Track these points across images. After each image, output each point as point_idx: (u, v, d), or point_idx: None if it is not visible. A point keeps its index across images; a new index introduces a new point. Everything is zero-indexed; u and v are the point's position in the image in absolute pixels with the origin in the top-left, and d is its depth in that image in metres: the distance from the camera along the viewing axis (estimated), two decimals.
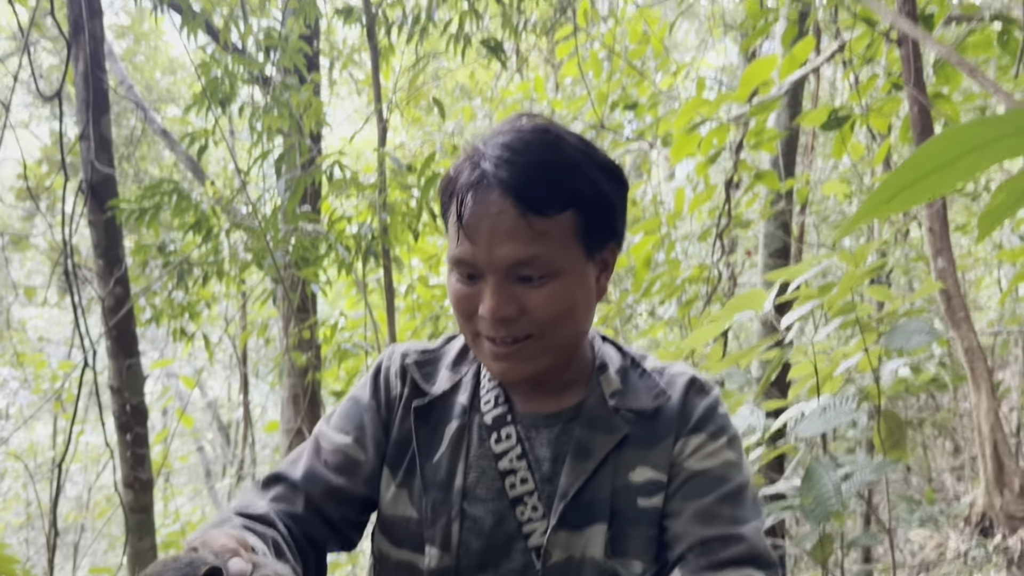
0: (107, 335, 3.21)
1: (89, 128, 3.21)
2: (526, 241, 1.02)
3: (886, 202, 0.78)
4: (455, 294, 1.08)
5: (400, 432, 1.19)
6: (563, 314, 1.06)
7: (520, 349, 1.06)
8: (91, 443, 8.46)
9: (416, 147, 5.94)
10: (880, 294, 2.05)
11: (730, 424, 1.13)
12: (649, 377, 1.15)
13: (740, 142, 4.30)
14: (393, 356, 1.24)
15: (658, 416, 1.11)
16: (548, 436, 1.12)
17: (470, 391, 1.18)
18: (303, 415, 4.52)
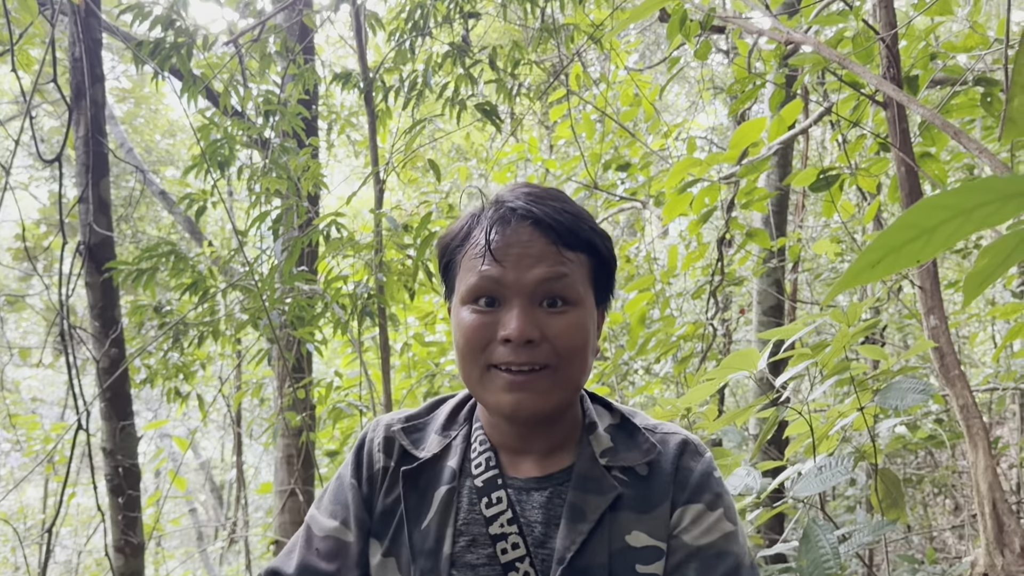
0: (101, 397, 3.19)
1: (88, 191, 3.25)
2: (554, 263, 1.09)
3: (871, 267, 0.79)
4: (470, 325, 1.09)
5: (386, 502, 1.18)
6: (579, 347, 1.10)
7: (536, 379, 1.07)
8: (82, 505, 8.34)
9: (412, 207, 6.00)
10: (874, 352, 2.07)
11: (725, 490, 1.14)
12: (640, 434, 1.15)
13: (731, 201, 4.36)
14: (377, 428, 1.24)
15: (652, 478, 1.11)
16: (539, 500, 1.12)
17: (460, 455, 1.17)
18: (297, 476, 4.47)
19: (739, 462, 1.79)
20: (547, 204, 1.12)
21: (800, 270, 5.59)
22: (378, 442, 1.22)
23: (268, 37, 3.75)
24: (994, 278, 0.84)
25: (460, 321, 1.11)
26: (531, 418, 1.10)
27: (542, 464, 1.15)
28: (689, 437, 1.17)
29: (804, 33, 3.18)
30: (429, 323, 5.77)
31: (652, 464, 1.12)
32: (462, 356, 1.11)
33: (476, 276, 1.10)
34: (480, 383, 1.10)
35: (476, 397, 1.14)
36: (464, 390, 1.27)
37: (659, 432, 1.16)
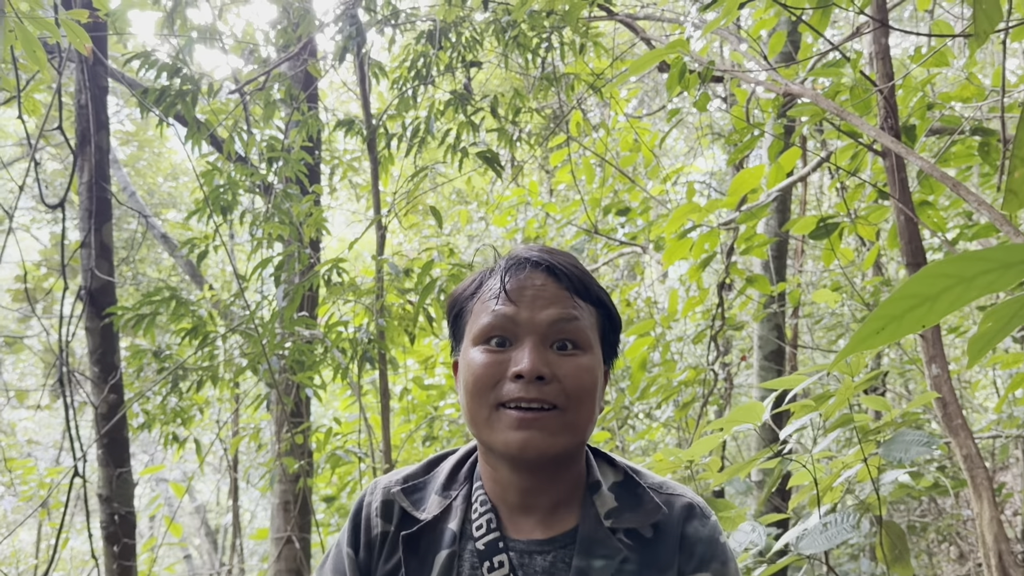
0: (99, 443, 3.17)
1: (91, 236, 3.26)
2: (567, 306, 1.12)
3: (875, 334, 0.80)
4: (481, 364, 1.10)
5: (386, 567, 1.16)
6: (587, 391, 1.10)
7: (544, 419, 1.07)
8: (75, 549, 8.22)
9: (414, 251, 6.03)
10: (876, 404, 2.06)
11: (729, 555, 1.13)
12: (646, 494, 1.14)
13: (731, 246, 4.38)
14: (375, 492, 1.22)
15: (657, 542, 1.10)
16: (542, 564, 1.10)
17: (460, 516, 1.16)
18: (293, 523, 4.42)
19: (743, 516, 1.77)
20: (561, 256, 1.17)
21: (800, 315, 5.59)
22: (376, 506, 1.20)
23: (272, 85, 3.80)
24: (996, 341, 0.84)
25: (471, 361, 1.12)
26: (538, 459, 1.09)
27: (545, 525, 1.13)
28: (694, 500, 1.15)
29: (802, 84, 3.22)
30: (429, 367, 5.76)
31: (658, 527, 1.11)
32: (471, 395, 1.11)
33: (489, 316, 1.12)
34: (488, 422, 1.10)
35: (482, 440, 1.13)
36: (464, 447, 1.27)
37: (664, 492, 1.15)
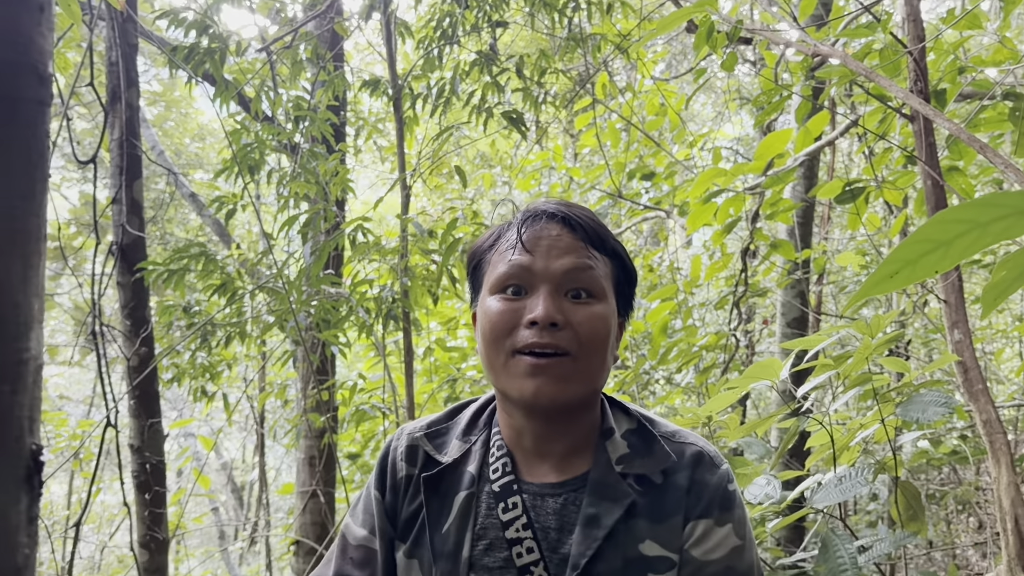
0: (130, 395, 3.25)
1: (122, 192, 3.31)
2: (581, 256, 1.15)
3: (889, 278, 0.81)
4: (497, 312, 1.14)
5: (410, 507, 1.22)
6: (601, 339, 1.13)
7: (557, 364, 1.10)
8: (105, 503, 8.44)
9: (438, 213, 6.05)
10: (896, 365, 2.06)
11: (738, 502, 1.15)
12: (657, 442, 1.17)
13: (756, 212, 4.35)
14: (400, 437, 1.28)
15: (666, 488, 1.13)
16: (553, 506, 1.14)
17: (479, 460, 1.20)
18: (318, 478, 4.51)
19: (759, 472, 1.79)
20: (576, 209, 1.19)
21: (825, 282, 5.56)
22: (401, 451, 1.26)
23: (299, 44, 3.81)
24: (1012, 290, 0.86)
25: (487, 309, 1.16)
26: (551, 406, 1.12)
27: (558, 470, 1.17)
28: (706, 448, 1.18)
29: (832, 46, 3.18)
30: (451, 328, 5.81)
31: (667, 473, 1.14)
32: (487, 343, 1.15)
33: (506, 265, 1.15)
34: (504, 369, 1.13)
35: (498, 387, 1.16)
36: (484, 395, 1.31)
37: (676, 441, 1.18)
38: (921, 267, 0.77)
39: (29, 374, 0.51)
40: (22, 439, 0.51)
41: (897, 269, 0.79)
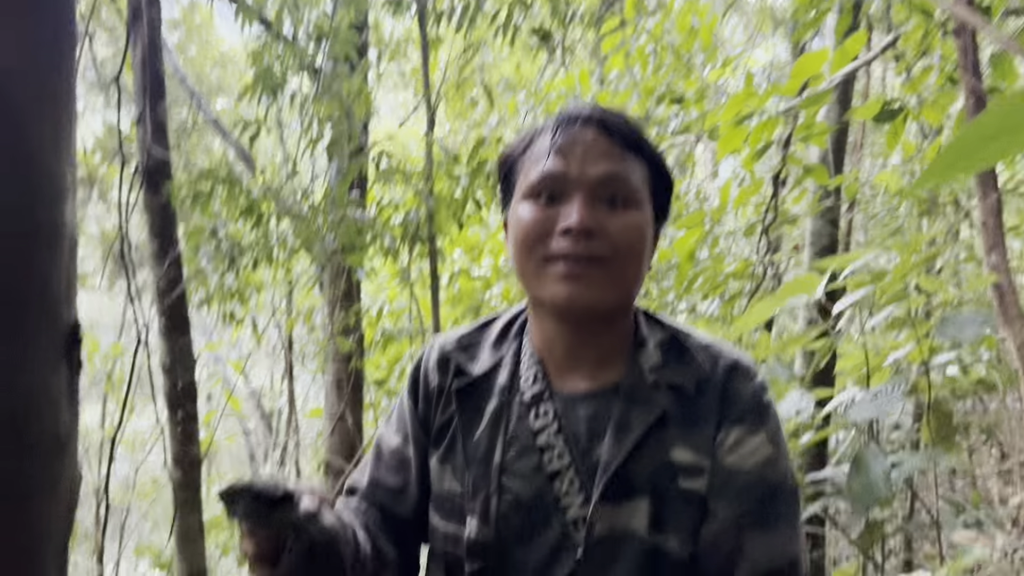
0: (160, 314, 3.29)
1: (146, 113, 3.29)
2: (617, 163, 1.11)
3: (950, 166, 0.78)
4: (529, 220, 1.11)
5: (443, 417, 1.23)
6: (636, 248, 1.11)
7: (591, 271, 1.08)
8: (137, 429, 8.66)
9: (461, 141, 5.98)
10: (933, 285, 2.03)
11: (772, 413, 1.13)
12: (690, 352, 1.16)
13: (788, 137, 4.25)
14: (432, 349, 1.29)
15: (699, 397, 1.11)
16: (585, 413, 1.14)
17: (510, 370, 1.20)
18: (346, 401, 4.58)
19: (791, 388, 1.78)
20: (612, 113, 1.15)
21: (856, 210, 5.47)
22: (433, 362, 1.26)
23: None
24: None
25: (520, 216, 1.13)
26: (584, 313, 1.10)
27: (590, 378, 1.16)
28: (741, 358, 1.16)
29: None
30: (476, 256, 5.81)
31: (701, 383, 1.12)
32: (519, 250, 1.13)
33: (539, 171, 1.12)
34: (536, 276, 1.11)
35: (531, 294, 1.15)
36: (516, 307, 1.30)
37: (711, 351, 1.16)
38: (986, 154, 0.73)
39: (65, 245, 0.50)
40: (60, 310, 0.50)
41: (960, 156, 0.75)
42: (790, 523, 1.08)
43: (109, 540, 6.93)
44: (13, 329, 0.46)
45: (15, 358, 0.47)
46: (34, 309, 0.48)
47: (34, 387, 0.49)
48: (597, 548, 1.06)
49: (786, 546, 1.06)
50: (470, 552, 1.12)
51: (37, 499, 0.51)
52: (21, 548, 0.50)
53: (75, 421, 0.54)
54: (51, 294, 0.50)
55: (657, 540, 1.06)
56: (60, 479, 0.54)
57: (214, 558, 5.65)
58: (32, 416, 0.49)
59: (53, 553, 0.54)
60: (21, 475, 0.49)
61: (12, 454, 0.48)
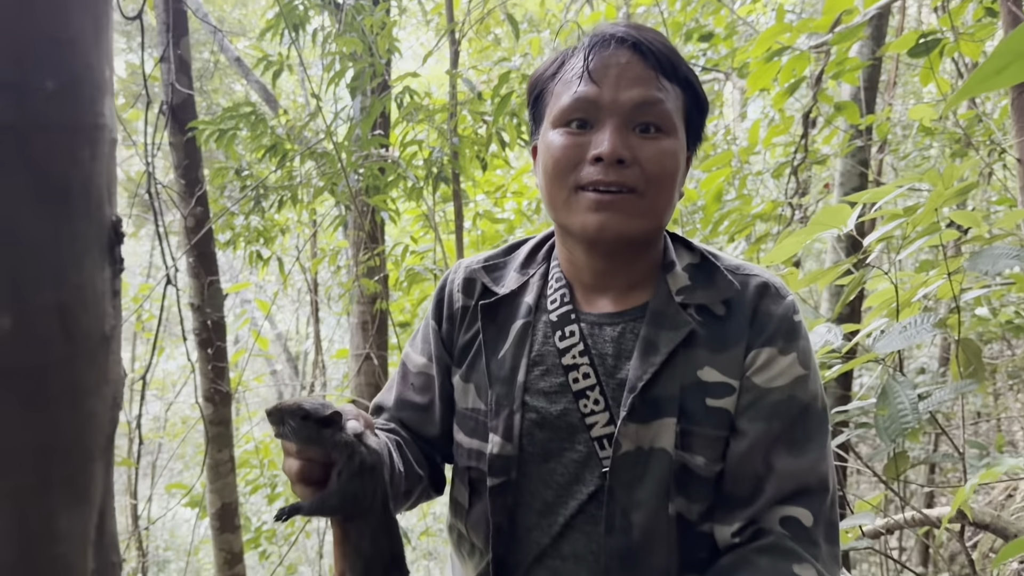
0: (188, 253, 3.32)
1: (169, 50, 3.27)
2: (651, 88, 1.08)
3: (995, 74, 0.75)
4: (561, 145, 1.10)
5: (466, 337, 1.24)
6: (668, 176, 1.09)
7: (622, 201, 1.07)
8: (167, 370, 8.82)
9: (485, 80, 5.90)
10: (967, 219, 1.99)
11: (802, 333, 1.12)
12: (720, 273, 1.15)
13: (820, 74, 4.16)
14: (458, 270, 1.29)
15: (729, 319, 1.11)
16: (611, 334, 1.14)
17: (537, 291, 1.20)
18: (371, 341, 4.63)
19: (819, 322, 1.77)
20: (648, 32, 1.12)
21: (888, 151, 5.36)
22: (458, 283, 1.27)
23: None
24: None
25: (550, 144, 1.11)
26: (614, 241, 1.10)
27: (617, 301, 1.16)
28: (771, 280, 1.15)
29: None
30: (499, 200, 5.78)
31: (730, 305, 1.12)
32: (549, 178, 1.12)
33: (571, 97, 1.10)
34: (566, 205, 1.10)
35: (560, 223, 1.14)
36: (543, 232, 1.29)
37: (740, 273, 1.15)
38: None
39: (105, 142, 0.50)
40: (102, 207, 0.51)
41: (1007, 62, 0.72)
42: (820, 443, 1.08)
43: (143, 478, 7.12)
44: (59, 223, 0.47)
45: (62, 252, 0.48)
46: (78, 204, 0.49)
47: (81, 282, 0.50)
48: (623, 465, 1.07)
49: (815, 465, 1.07)
50: (492, 467, 1.14)
51: (85, 394, 0.52)
52: (73, 441, 0.52)
53: (119, 320, 0.55)
54: (94, 190, 0.51)
55: (684, 458, 1.06)
56: (106, 376, 0.55)
57: (243, 495, 5.79)
58: (80, 312, 0.50)
59: (102, 447, 0.55)
60: (71, 370, 0.51)
61: (62, 349, 0.49)
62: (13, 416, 0.48)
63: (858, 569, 5.67)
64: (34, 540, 0.50)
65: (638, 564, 1.07)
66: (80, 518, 0.53)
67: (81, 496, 0.53)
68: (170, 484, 6.71)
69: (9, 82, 0.45)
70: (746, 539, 1.06)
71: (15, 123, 0.44)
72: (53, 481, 0.50)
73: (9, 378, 0.47)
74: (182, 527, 9.42)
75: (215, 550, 3.91)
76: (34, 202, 0.47)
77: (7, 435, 0.48)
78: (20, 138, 0.45)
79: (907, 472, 3.11)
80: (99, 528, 0.58)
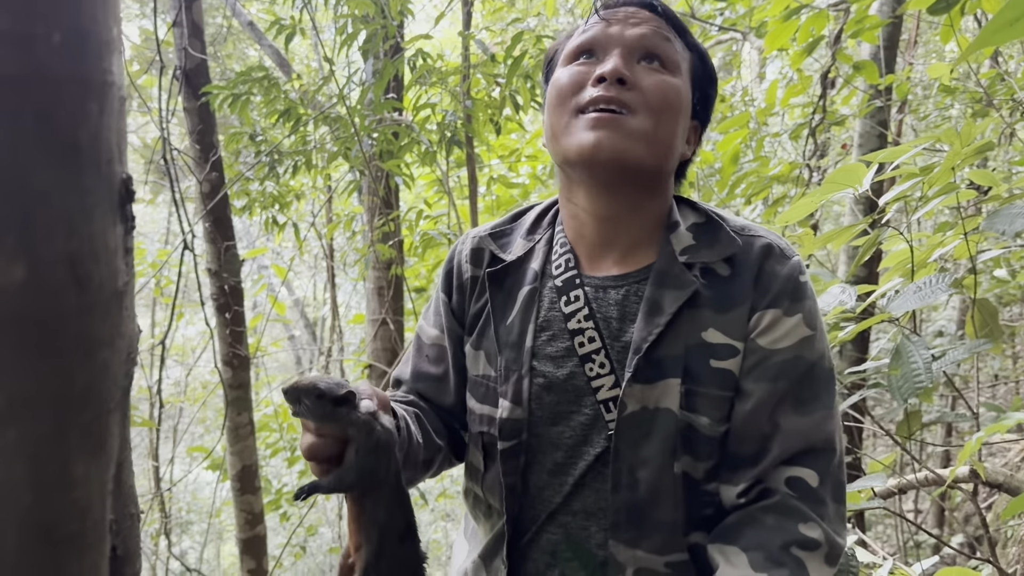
0: (205, 219, 3.34)
1: (182, 15, 3.27)
2: (659, 28, 1.14)
3: (1009, 25, 0.74)
4: (566, 76, 1.14)
5: (477, 304, 1.25)
6: (669, 106, 1.11)
7: (620, 120, 1.08)
8: (187, 336, 8.92)
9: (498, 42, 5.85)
10: (984, 178, 1.96)
11: (808, 293, 1.12)
12: (724, 232, 1.15)
13: (839, 33, 4.09)
14: (465, 241, 1.30)
15: (733, 279, 1.11)
16: (615, 297, 1.14)
17: (542, 257, 1.21)
18: (387, 306, 4.65)
19: (833, 283, 1.77)
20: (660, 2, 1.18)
21: (907, 111, 5.28)
22: (466, 254, 1.28)
23: None
24: None
25: (557, 79, 1.15)
26: (612, 162, 1.09)
27: (621, 263, 1.17)
28: (776, 241, 1.14)
29: None
30: (513, 164, 5.75)
31: (735, 265, 1.11)
32: (553, 108, 1.14)
33: (580, 36, 1.16)
34: (566, 130, 1.12)
35: (560, 153, 1.14)
36: (549, 199, 1.30)
37: (745, 234, 1.15)
38: None
39: (114, 99, 0.51)
40: (112, 164, 0.51)
41: (1022, 12, 0.71)
42: (826, 403, 1.08)
43: (164, 442, 7.25)
44: (68, 175, 0.48)
45: (71, 204, 0.48)
46: (87, 158, 0.49)
47: (92, 234, 0.51)
48: (628, 425, 1.08)
49: (822, 424, 1.07)
50: (502, 431, 1.16)
51: (99, 346, 0.54)
52: (88, 390, 0.53)
53: (131, 277, 0.56)
54: (103, 145, 0.51)
55: (689, 418, 1.07)
56: (120, 330, 0.56)
57: (263, 457, 5.88)
58: (91, 264, 0.51)
59: (117, 399, 0.57)
60: (84, 321, 0.52)
61: (75, 300, 0.50)
62: (27, 364, 0.49)
63: (873, 531, 5.70)
64: (50, 485, 0.51)
65: (644, 519, 1.08)
66: (97, 467, 0.55)
67: (97, 445, 0.54)
68: (191, 447, 6.83)
69: (14, 33, 0.46)
70: (752, 499, 1.07)
71: (22, 74, 0.45)
72: (68, 429, 0.51)
73: (23, 326, 0.48)
74: (204, 490, 9.59)
75: (236, 511, 3.99)
76: (42, 153, 0.48)
77: (22, 383, 0.49)
78: (26, 89, 0.46)
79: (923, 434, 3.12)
80: (117, 479, 0.60)
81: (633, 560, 1.08)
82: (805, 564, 1.00)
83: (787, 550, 1.00)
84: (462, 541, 1.33)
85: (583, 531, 1.12)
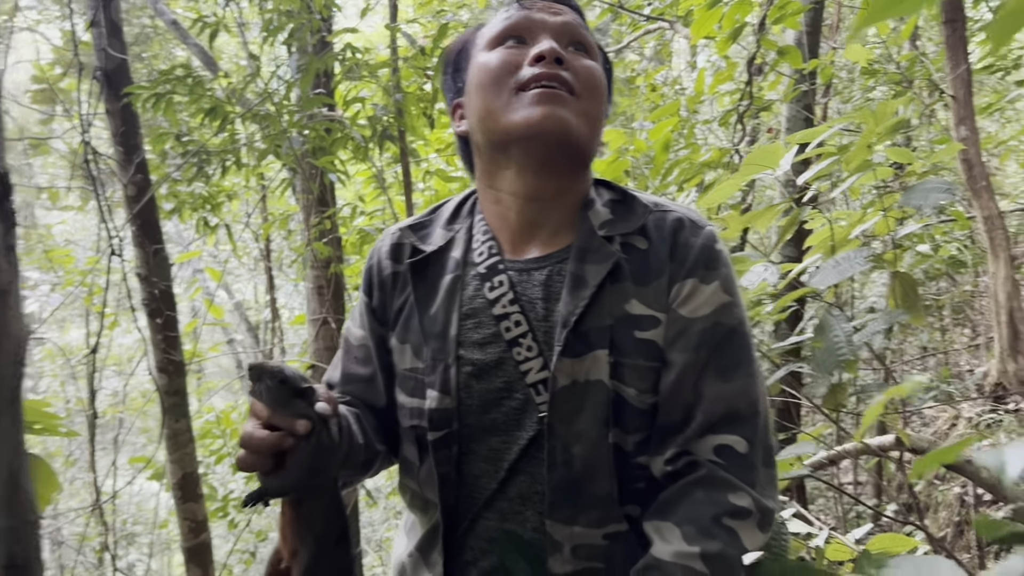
0: (131, 223, 3.26)
1: (100, 14, 3.17)
2: (578, 22, 1.21)
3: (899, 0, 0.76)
4: (496, 60, 1.15)
5: (400, 299, 1.25)
6: (597, 90, 1.17)
7: (566, 98, 1.12)
8: (123, 344, 8.69)
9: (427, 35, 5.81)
10: (901, 156, 2.02)
11: (723, 260, 1.14)
12: (639, 204, 1.18)
13: (763, 20, 4.17)
14: (384, 239, 1.30)
15: (650, 252, 1.13)
16: (539, 278, 1.15)
17: (463, 246, 1.22)
18: (328, 306, 4.60)
19: (758, 263, 1.80)
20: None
21: (832, 94, 5.41)
22: (385, 251, 1.28)
23: None
24: None
25: (485, 61, 1.17)
26: (558, 136, 1.12)
27: (543, 246, 1.18)
28: (687, 213, 1.17)
29: None
30: (451, 156, 5.73)
31: (651, 239, 1.14)
32: (486, 88, 1.15)
33: (502, 22, 1.18)
34: (507, 107, 1.13)
35: (498, 130, 1.14)
36: (465, 191, 1.31)
37: (659, 208, 1.17)
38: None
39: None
40: None
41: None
42: (748, 368, 1.10)
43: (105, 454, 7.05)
44: None
45: None
46: None
47: None
48: (561, 400, 1.09)
49: (745, 390, 1.09)
50: (432, 422, 1.15)
51: None
52: None
53: (15, 276, 0.54)
54: None
55: (619, 387, 1.08)
56: (6, 330, 0.54)
57: (208, 465, 5.77)
58: None
59: (8, 401, 0.55)
60: None
61: None
62: None
63: (816, 504, 5.85)
64: None
65: (580, 494, 1.09)
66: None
67: None
68: (133, 458, 6.66)
69: None
70: (680, 468, 1.08)
71: None
72: None
73: None
74: (150, 501, 9.38)
75: (179, 519, 3.91)
76: None
77: None
78: None
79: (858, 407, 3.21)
80: (11, 484, 0.58)
81: (570, 537, 1.09)
82: (737, 532, 1.02)
83: (718, 521, 1.02)
84: (401, 536, 1.33)
85: (518, 515, 1.13)
